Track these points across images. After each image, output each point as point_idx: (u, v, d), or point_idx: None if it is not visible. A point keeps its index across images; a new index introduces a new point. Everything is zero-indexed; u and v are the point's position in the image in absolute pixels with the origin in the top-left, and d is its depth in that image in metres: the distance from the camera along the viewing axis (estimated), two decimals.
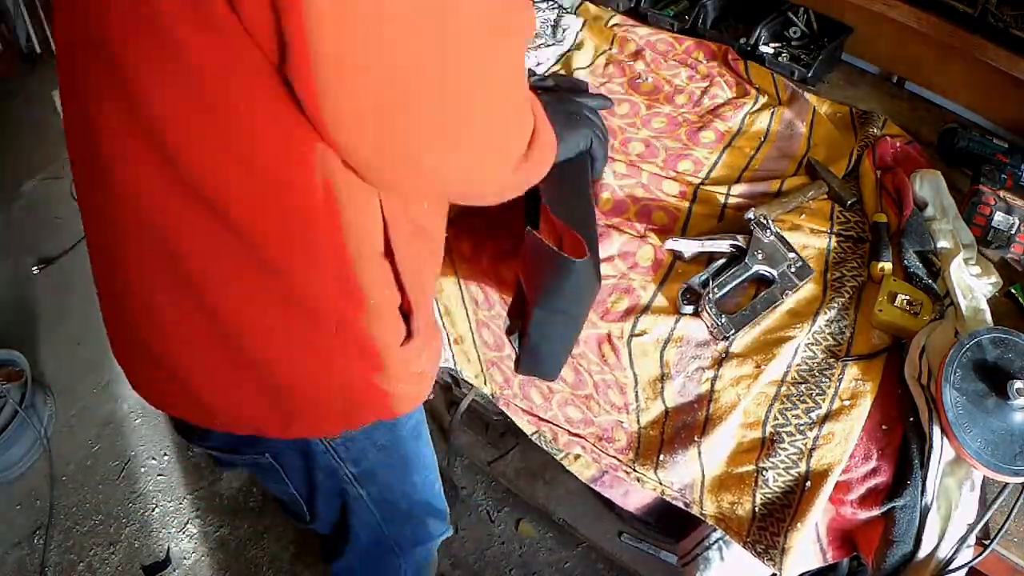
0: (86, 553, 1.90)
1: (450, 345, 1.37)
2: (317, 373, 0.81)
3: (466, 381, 1.62)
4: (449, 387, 1.80)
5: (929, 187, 1.17)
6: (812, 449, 0.95)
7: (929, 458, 0.89)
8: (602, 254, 1.13)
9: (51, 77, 2.98)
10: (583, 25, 1.54)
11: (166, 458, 2.08)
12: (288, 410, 0.83)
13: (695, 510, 1.12)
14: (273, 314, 0.75)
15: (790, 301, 1.06)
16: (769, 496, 1.00)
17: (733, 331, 1.00)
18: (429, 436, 1.12)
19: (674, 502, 1.15)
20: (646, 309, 1.06)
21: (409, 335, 0.86)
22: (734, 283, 1.05)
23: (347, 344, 0.79)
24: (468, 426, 1.83)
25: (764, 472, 0.99)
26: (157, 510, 1.98)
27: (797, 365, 1.01)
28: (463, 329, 1.31)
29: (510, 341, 1.03)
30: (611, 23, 1.56)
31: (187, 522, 1.95)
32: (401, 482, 1.08)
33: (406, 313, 0.84)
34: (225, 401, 0.82)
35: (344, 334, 0.79)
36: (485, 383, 1.36)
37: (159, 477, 2.04)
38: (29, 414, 2.01)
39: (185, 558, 1.89)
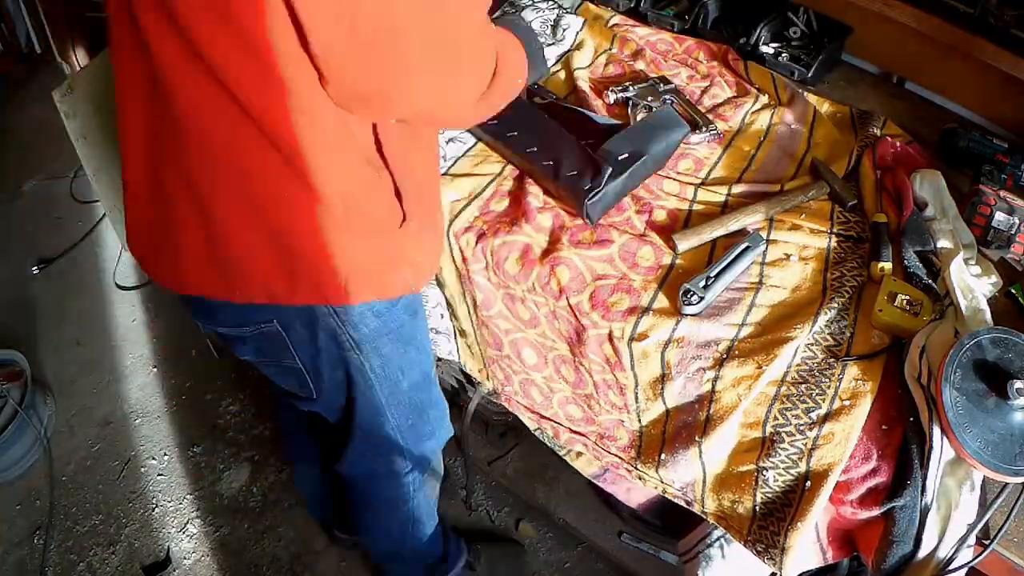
0: (86, 553, 1.90)
1: (456, 337, 1.37)
2: (325, 246, 0.92)
3: (470, 383, 1.62)
4: (457, 391, 1.80)
5: (929, 187, 1.17)
6: (812, 449, 0.95)
7: (929, 458, 0.89)
8: (602, 254, 1.13)
9: (51, 77, 2.98)
10: (583, 25, 1.54)
11: (166, 458, 2.07)
12: (297, 278, 0.94)
13: (696, 508, 1.12)
14: (295, 196, 0.88)
15: (784, 293, 1.06)
16: (769, 496, 1.00)
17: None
18: (426, 321, 1.21)
19: (675, 500, 1.15)
20: (647, 310, 1.06)
21: (405, 218, 0.97)
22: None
23: (351, 222, 0.92)
24: (468, 426, 1.83)
25: (764, 472, 0.99)
26: (157, 510, 1.98)
27: (797, 365, 1.01)
28: (466, 325, 1.31)
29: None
30: (611, 23, 1.56)
31: (187, 522, 1.95)
32: (402, 358, 1.13)
33: (398, 196, 0.96)
34: (248, 269, 0.94)
35: (349, 213, 0.91)
36: (488, 378, 1.36)
37: (159, 477, 2.04)
38: (29, 414, 2.01)
39: (185, 558, 1.89)
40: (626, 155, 1.15)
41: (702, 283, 1.06)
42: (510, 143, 1.24)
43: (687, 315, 1.04)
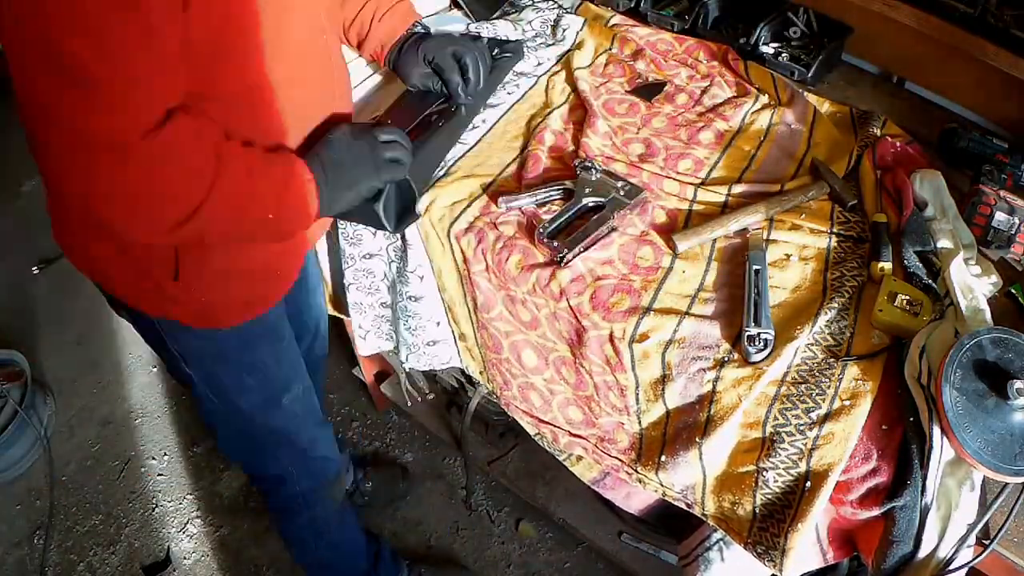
0: (86, 553, 1.90)
1: (456, 341, 1.37)
2: (126, 267, 1.05)
3: (470, 383, 1.62)
4: (456, 391, 1.80)
5: (929, 187, 1.17)
6: (812, 449, 0.95)
7: (929, 458, 0.89)
8: (602, 255, 1.13)
9: None
10: (583, 25, 1.54)
11: (166, 458, 2.08)
12: (110, 277, 1.09)
13: (697, 511, 1.12)
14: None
15: (782, 292, 1.06)
16: (769, 496, 1.00)
17: (567, 251, 1.10)
18: (281, 361, 1.28)
19: (676, 503, 1.15)
20: (648, 310, 1.06)
21: (178, 275, 1.03)
22: (565, 216, 1.15)
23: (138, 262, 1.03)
24: (468, 426, 1.83)
25: (764, 472, 0.99)
26: (157, 510, 1.98)
27: (797, 365, 1.01)
28: (466, 328, 1.31)
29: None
30: (611, 23, 1.56)
31: (187, 522, 1.95)
32: (233, 376, 1.22)
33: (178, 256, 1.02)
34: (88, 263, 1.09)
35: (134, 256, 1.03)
36: (488, 381, 1.37)
37: (159, 477, 2.04)
38: (29, 414, 2.01)
39: (185, 558, 1.89)
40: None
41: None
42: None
43: (754, 362, 1.01)
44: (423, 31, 1.28)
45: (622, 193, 1.16)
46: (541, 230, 1.12)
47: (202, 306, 1.09)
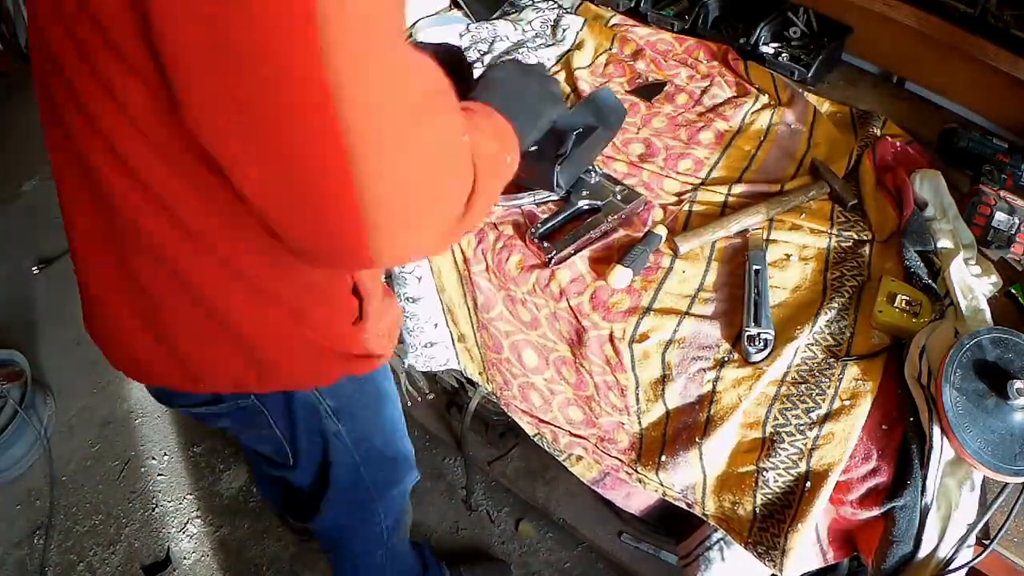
0: (86, 553, 1.90)
1: (454, 344, 1.37)
2: (285, 348, 0.88)
3: (470, 383, 1.62)
4: (456, 391, 1.80)
5: (929, 187, 1.17)
6: (812, 449, 0.95)
7: (929, 458, 0.89)
8: (603, 255, 1.13)
9: None
10: (583, 25, 1.54)
11: (166, 458, 2.08)
12: (265, 374, 0.89)
13: (697, 510, 1.12)
14: (244, 298, 0.81)
15: (783, 292, 1.06)
16: (769, 496, 1.00)
17: (555, 252, 1.10)
18: (390, 371, 1.20)
19: (676, 503, 1.15)
20: (648, 310, 1.06)
21: (361, 317, 0.92)
22: (558, 218, 1.14)
23: (304, 326, 0.87)
24: (468, 426, 1.83)
25: (764, 472, 0.99)
26: (157, 510, 1.98)
27: (797, 365, 1.01)
28: (466, 328, 1.31)
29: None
30: (611, 23, 1.56)
31: (187, 522, 1.95)
32: (376, 416, 1.15)
33: (360, 297, 0.91)
34: (209, 364, 0.88)
35: (303, 320, 0.86)
36: (488, 381, 1.36)
37: (159, 477, 2.04)
38: (29, 414, 2.01)
39: (185, 558, 1.89)
40: (580, 128, 1.15)
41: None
42: None
43: (754, 362, 1.01)
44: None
45: (619, 197, 1.16)
46: (532, 231, 1.12)
47: (368, 348, 0.97)
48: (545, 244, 1.11)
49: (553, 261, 1.10)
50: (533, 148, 1.12)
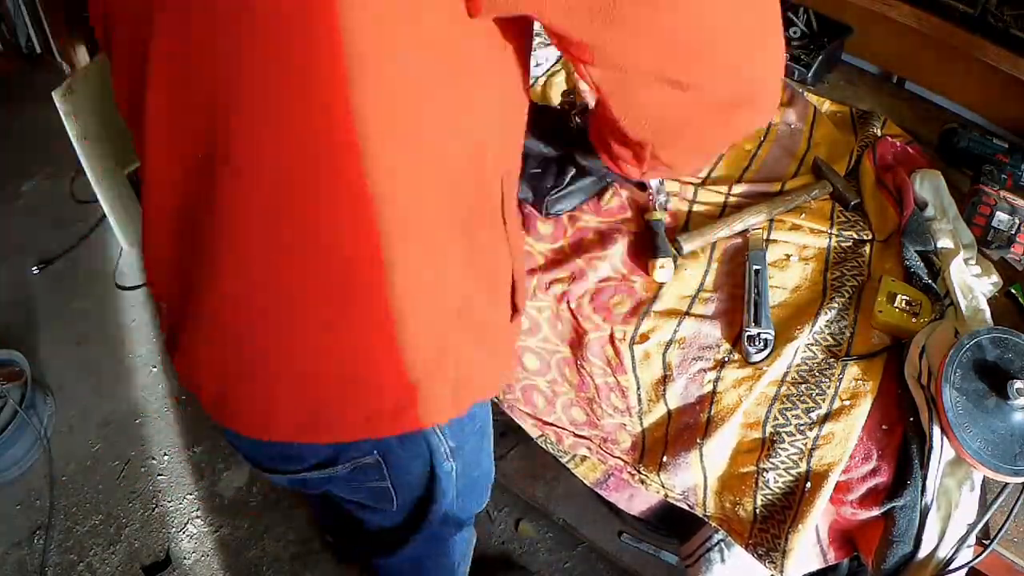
0: (86, 553, 1.90)
1: None
2: (435, 359, 0.76)
3: None
4: None
5: (929, 187, 1.17)
6: (812, 449, 0.95)
7: (929, 458, 0.89)
8: (604, 256, 1.13)
9: (51, 77, 2.97)
10: None
11: (166, 458, 2.07)
12: (405, 402, 0.77)
13: (699, 511, 1.12)
14: (395, 292, 0.70)
15: (782, 291, 1.06)
16: (770, 497, 1.00)
17: (549, 202, 1.12)
18: None
19: (678, 504, 1.15)
20: (648, 311, 1.06)
21: (515, 310, 0.84)
22: (571, 185, 1.13)
23: (465, 329, 0.76)
24: None
25: (764, 473, 0.99)
26: (157, 510, 1.97)
27: (797, 365, 1.01)
28: None
29: None
30: None
31: (187, 522, 1.95)
32: (479, 449, 1.03)
33: (513, 287, 0.82)
34: (347, 406, 0.77)
35: (463, 319, 0.75)
36: None
37: (159, 477, 2.04)
38: (29, 414, 2.00)
39: (185, 558, 1.89)
40: (586, 165, 1.13)
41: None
42: None
43: (754, 362, 1.01)
44: None
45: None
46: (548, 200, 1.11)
47: (515, 354, 0.89)
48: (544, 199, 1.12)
49: (548, 214, 1.12)
50: (536, 170, 1.13)
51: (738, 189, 1.21)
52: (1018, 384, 0.86)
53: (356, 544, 1.34)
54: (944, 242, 1.10)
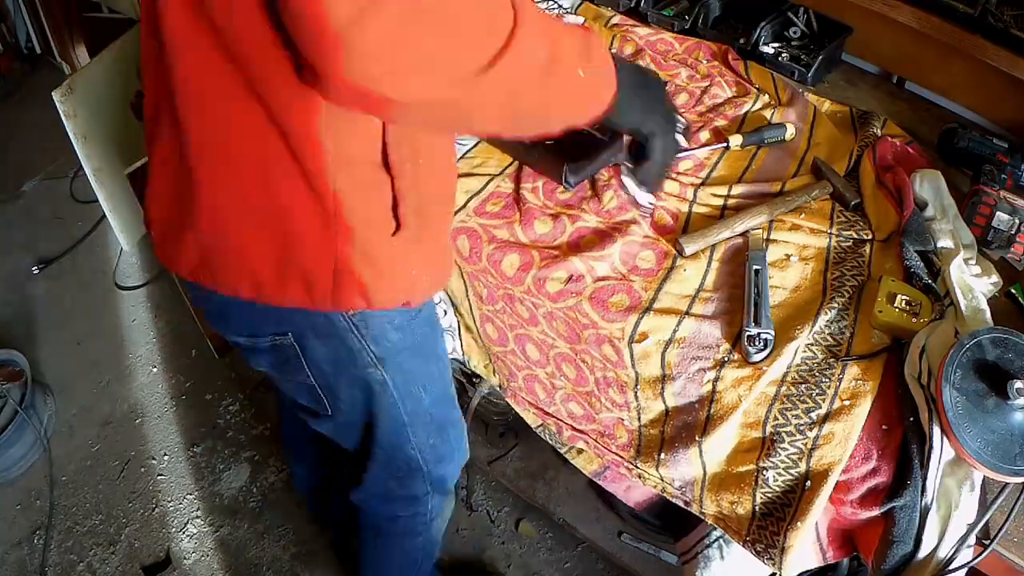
0: (86, 553, 1.90)
1: (460, 335, 1.37)
2: (313, 243, 0.84)
3: (472, 382, 1.62)
4: (456, 391, 1.80)
5: (929, 187, 1.17)
6: (812, 449, 0.95)
7: (929, 458, 0.89)
8: (603, 255, 1.13)
9: (51, 77, 2.98)
10: (583, 25, 1.54)
11: (166, 458, 2.07)
12: (286, 274, 0.87)
13: (695, 509, 1.12)
14: (288, 184, 0.81)
15: (784, 290, 1.06)
16: (769, 496, 1.00)
17: (571, 175, 1.14)
18: (442, 331, 1.15)
19: (674, 500, 1.15)
20: (647, 310, 1.06)
21: (398, 227, 0.88)
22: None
23: (339, 220, 0.83)
24: (468, 427, 1.83)
25: (764, 472, 0.99)
26: (157, 510, 1.98)
27: (797, 365, 1.01)
28: (470, 321, 1.31)
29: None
30: (611, 23, 1.56)
31: (187, 522, 1.95)
32: (422, 371, 1.07)
33: (394, 203, 0.86)
34: (236, 257, 0.87)
35: (338, 209, 0.82)
36: (493, 373, 1.36)
37: (159, 477, 2.04)
38: (29, 414, 2.01)
39: (185, 558, 1.89)
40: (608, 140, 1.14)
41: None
42: None
43: (754, 362, 1.01)
44: None
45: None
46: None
47: (408, 281, 0.93)
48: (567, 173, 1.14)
49: (569, 184, 1.14)
50: (550, 142, 1.12)
51: (738, 190, 1.21)
52: (1018, 384, 0.86)
53: (336, 494, 1.42)
54: (944, 242, 1.10)
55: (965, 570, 0.92)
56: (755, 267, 1.07)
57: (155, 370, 2.27)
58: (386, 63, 0.62)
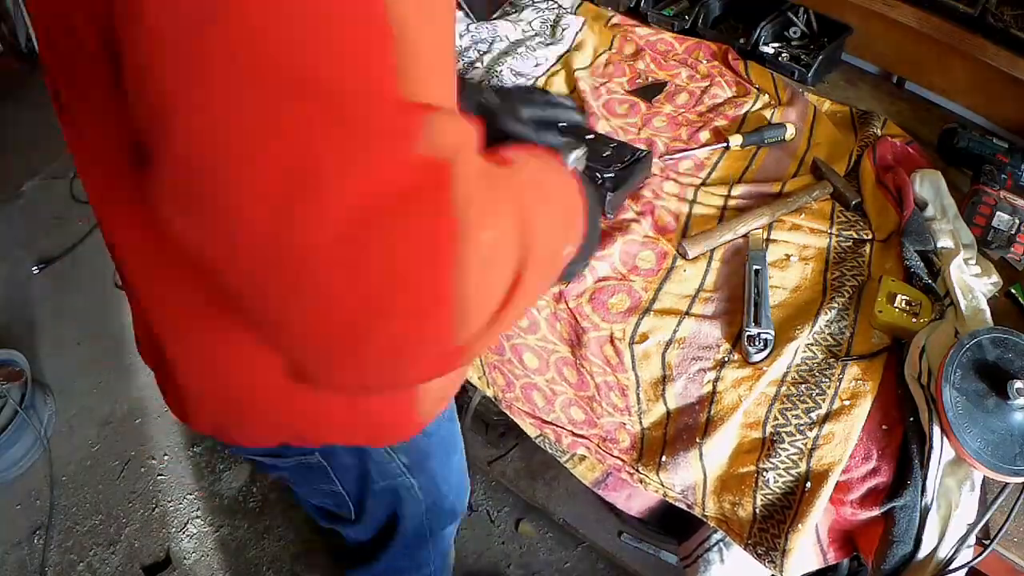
0: (86, 553, 1.90)
1: None
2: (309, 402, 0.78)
3: (470, 383, 1.62)
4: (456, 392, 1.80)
5: (929, 187, 1.17)
6: (812, 449, 0.95)
7: (929, 458, 0.89)
8: (603, 256, 1.13)
9: None
10: (583, 25, 1.54)
11: (166, 458, 2.07)
12: (324, 425, 0.81)
13: (697, 511, 1.12)
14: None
15: (785, 290, 1.06)
16: (770, 497, 1.00)
17: (609, 192, 1.10)
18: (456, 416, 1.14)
19: (676, 504, 1.15)
20: (647, 311, 1.06)
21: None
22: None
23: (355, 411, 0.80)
24: (468, 426, 1.83)
25: (764, 473, 0.99)
26: (157, 510, 1.98)
27: (797, 365, 1.01)
28: None
29: None
30: (611, 23, 1.56)
31: (187, 522, 1.95)
32: (444, 465, 1.07)
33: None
34: (267, 419, 0.81)
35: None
36: (488, 386, 1.36)
37: (159, 477, 2.04)
38: (29, 414, 2.01)
39: (185, 558, 1.89)
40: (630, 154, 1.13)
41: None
42: None
43: (754, 362, 1.01)
44: None
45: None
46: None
47: (436, 396, 0.89)
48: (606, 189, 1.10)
49: (609, 195, 1.10)
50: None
51: (738, 190, 1.21)
52: (1018, 384, 0.86)
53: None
54: (944, 242, 1.09)
55: (965, 570, 0.92)
56: (755, 267, 1.07)
57: None
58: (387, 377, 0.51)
